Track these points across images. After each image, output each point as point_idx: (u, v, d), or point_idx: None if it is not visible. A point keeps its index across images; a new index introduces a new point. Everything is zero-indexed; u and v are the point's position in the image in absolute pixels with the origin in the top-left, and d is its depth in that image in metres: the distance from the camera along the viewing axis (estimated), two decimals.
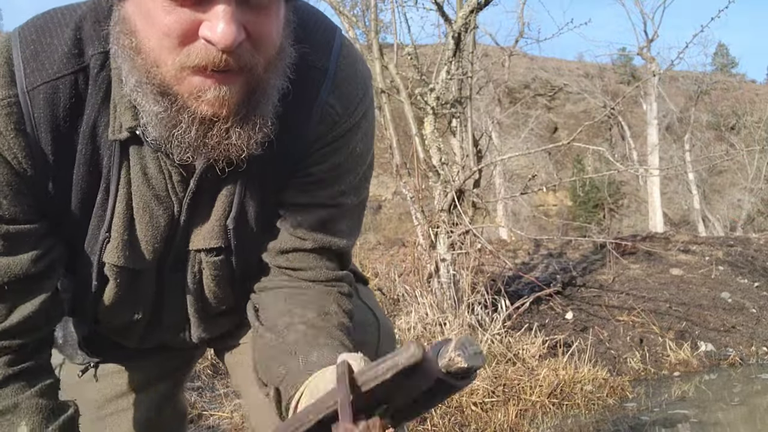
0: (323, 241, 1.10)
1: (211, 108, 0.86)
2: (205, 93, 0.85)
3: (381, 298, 4.69)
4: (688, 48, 4.86)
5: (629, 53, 24.39)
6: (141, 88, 0.87)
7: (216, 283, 1.11)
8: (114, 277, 1.05)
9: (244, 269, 1.11)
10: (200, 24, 0.82)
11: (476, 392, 3.10)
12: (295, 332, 1.04)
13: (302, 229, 1.08)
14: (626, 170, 4.78)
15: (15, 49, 0.93)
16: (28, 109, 0.92)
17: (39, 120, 0.92)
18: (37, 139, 0.93)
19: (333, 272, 1.13)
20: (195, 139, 0.88)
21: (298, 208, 1.08)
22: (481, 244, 4.13)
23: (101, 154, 0.97)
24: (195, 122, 0.87)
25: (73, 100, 0.94)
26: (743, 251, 6.34)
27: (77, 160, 0.97)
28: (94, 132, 0.96)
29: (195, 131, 0.87)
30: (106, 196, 0.99)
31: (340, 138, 1.06)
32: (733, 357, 4.24)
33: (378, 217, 22.28)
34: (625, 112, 25.04)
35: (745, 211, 19.72)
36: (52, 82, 0.92)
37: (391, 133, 4.36)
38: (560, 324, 4.42)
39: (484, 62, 9.60)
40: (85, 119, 0.95)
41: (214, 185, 1.03)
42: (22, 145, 0.92)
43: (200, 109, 0.86)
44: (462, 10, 4.07)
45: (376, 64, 4.35)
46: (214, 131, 0.88)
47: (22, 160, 0.93)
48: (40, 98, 0.92)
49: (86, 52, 0.95)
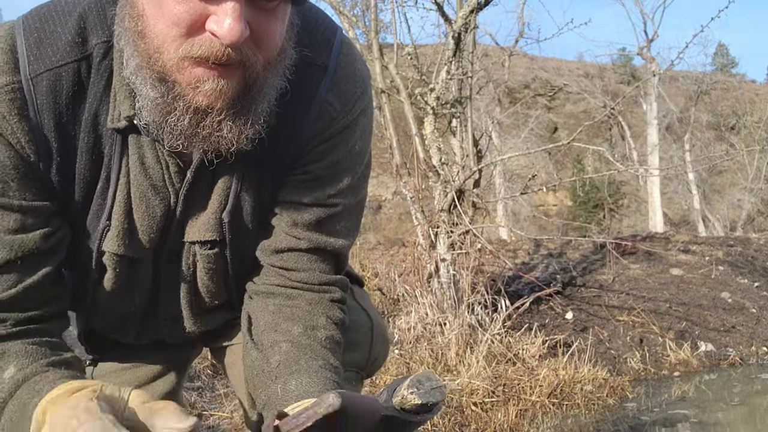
0: (318, 241, 1.10)
1: (207, 99, 0.87)
2: (204, 84, 0.86)
3: (381, 298, 4.69)
4: (688, 48, 4.87)
5: (629, 53, 24.41)
6: (140, 72, 0.89)
7: (209, 276, 1.11)
8: (113, 266, 1.05)
9: (238, 265, 1.12)
10: (208, 17, 0.83)
11: (476, 392, 3.10)
12: (279, 353, 1.06)
13: (298, 229, 1.08)
14: (626, 170, 4.77)
15: (19, 36, 0.94)
16: (32, 95, 0.93)
17: (42, 107, 0.94)
18: (40, 125, 0.94)
19: (326, 276, 1.13)
20: (187, 127, 0.89)
21: (295, 207, 1.08)
22: (481, 244, 4.13)
23: (102, 142, 0.99)
24: (189, 111, 0.88)
25: (75, 88, 0.96)
26: (743, 251, 6.34)
27: (79, 148, 0.98)
28: (95, 121, 0.97)
29: (188, 120, 0.89)
30: (107, 184, 1.00)
31: (338, 135, 1.07)
32: (733, 357, 4.24)
33: (378, 217, 22.28)
34: (625, 112, 25.03)
35: (745, 211, 19.72)
36: (55, 70, 0.94)
37: (391, 133, 4.36)
38: (560, 324, 4.42)
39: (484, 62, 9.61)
40: (87, 107, 0.97)
41: (211, 178, 1.04)
42: (26, 129, 0.93)
43: (196, 99, 0.88)
44: (462, 10, 4.07)
45: (376, 64, 4.35)
46: (206, 122, 0.89)
47: (25, 145, 0.94)
48: (43, 85, 0.93)
49: (90, 41, 0.96)
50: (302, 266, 1.11)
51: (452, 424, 2.82)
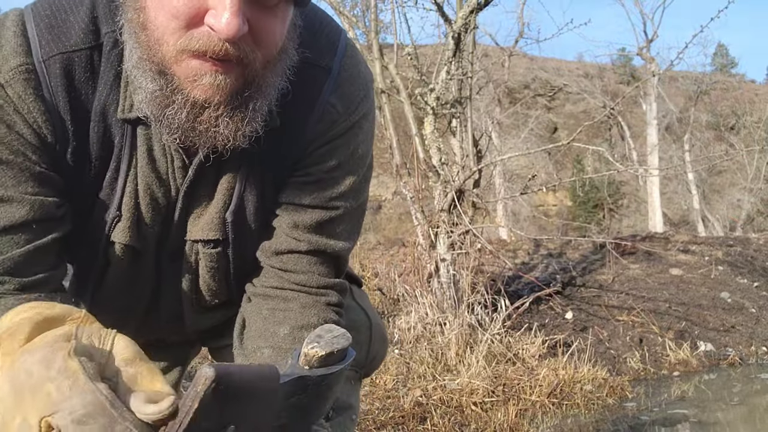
0: (319, 243, 1.10)
1: (205, 93, 0.88)
2: (201, 78, 0.87)
3: (381, 298, 4.69)
4: (688, 48, 4.88)
5: (629, 53, 24.43)
6: (141, 65, 0.89)
7: (211, 275, 1.12)
8: (120, 257, 1.05)
9: (240, 264, 1.12)
10: (207, 11, 0.84)
11: (476, 392, 3.10)
12: (260, 359, 1.06)
13: (299, 230, 1.09)
14: (626, 170, 4.78)
15: (29, 22, 0.95)
16: (45, 77, 0.94)
17: (56, 88, 0.95)
18: (55, 106, 0.95)
19: (325, 279, 1.13)
20: (185, 121, 0.90)
21: (296, 209, 1.08)
22: (481, 244, 4.13)
23: (113, 132, 0.99)
24: (187, 105, 0.89)
25: (88, 74, 0.96)
26: (743, 251, 6.35)
27: (91, 138, 0.98)
28: (105, 110, 0.98)
29: (186, 114, 0.89)
30: (116, 174, 1.01)
31: (340, 137, 1.07)
32: (733, 357, 4.24)
33: (378, 217, 22.28)
34: (625, 112, 25.04)
35: (744, 211, 19.72)
36: (68, 54, 0.95)
37: (391, 133, 4.37)
38: (560, 324, 4.42)
39: (484, 62, 9.61)
40: (98, 96, 0.97)
41: (215, 177, 1.04)
42: (42, 110, 0.94)
43: (194, 93, 0.88)
44: (462, 11, 4.08)
45: (376, 64, 4.35)
46: (204, 117, 0.90)
47: (42, 125, 0.95)
48: (57, 67, 0.94)
49: (101, 30, 0.97)
50: (301, 268, 1.11)
51: (452, 424, 2.82)
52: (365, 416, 2.81)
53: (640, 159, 22.26)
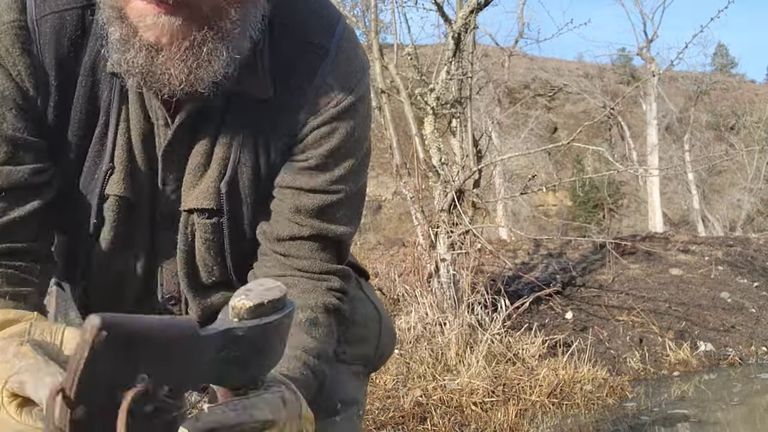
0: (321, 227, 1.10)
1: (153, 34, 0.89)
2: (145, 18, 0.88)
3: (381, 298, 4.69)
4: (688, 48, 4.86)
5: (629, 53, 24.47)
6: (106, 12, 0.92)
7: (206, 248, 1.11)
8: (114, 213, 1.05)
9: (236, 239, 1.12)
10: None
11: (476, 392, 3.10)
12: None
13: (300, 215, 1.09)
14: (626, 170, 4.79)
15: None
16: (36, 35, 0.97)
17: (44, 46, 0.98)
18: (41, 62, 0.98)
19: (327, 264, 1.13)
20: (143, 65, 0.91)
21: (297, 193, 1.09)
22: (481, 244, 4.13)
23: (101, 87, 1.01)
24: (143, 48, 0.90)
25: (78, 32, 0.99)
26: (743, 251, 6.35)
27: (77, 92, 1.01)
28: (95, 65, 1.00)
29: (143, 57, 0.91)
30: (105, 129, 1.02)
31: (336, 118, 1.07)
32: (733, 357, 4.24)
33: (378, 217, 22.29)
34: (625, 112, 25.05)
35: (744, 211, 19.73)
36: (60, 13, 0.98)
37: (391, 133, 4.37)
38: (560, 324, 4.43)
39: (484, 62, 9.61)
40: (88, 52, 1.00)
41: (204, 144, 1.05)
42: (27, 63, 0.97)
43: (145, 36, 0.90)
44: (462, 11, 4.08)
45: (376, 64, 4.35)
46: (159, 60, 0.91)
47: (25, 78, 0.98)
48: (47, 26, 0.98)
49: None
50: (303, 254, 1.11)
51: (452, 424, 2.82)
52: (365, 416, 2.81)
53: (640, 159, 22.27)
